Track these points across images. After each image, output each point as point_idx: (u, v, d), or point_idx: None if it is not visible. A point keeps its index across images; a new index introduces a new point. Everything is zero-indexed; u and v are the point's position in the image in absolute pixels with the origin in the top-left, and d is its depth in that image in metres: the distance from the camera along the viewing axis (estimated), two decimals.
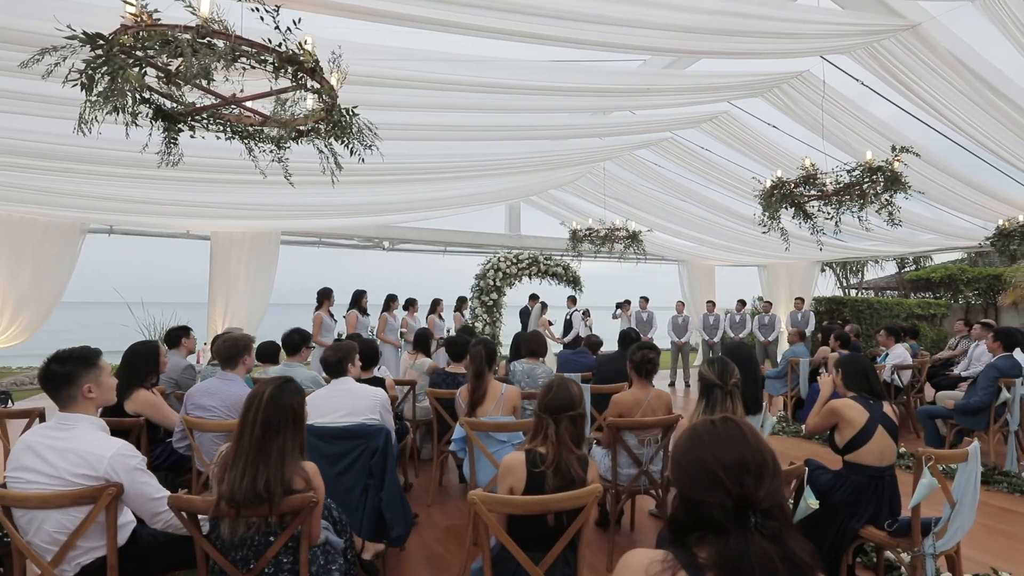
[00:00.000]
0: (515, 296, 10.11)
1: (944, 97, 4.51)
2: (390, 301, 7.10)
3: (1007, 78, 4.18)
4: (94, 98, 2.34)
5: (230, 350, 2.89)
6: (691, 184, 8.13)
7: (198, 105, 2.79)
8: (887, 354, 5.72)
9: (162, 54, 2.09)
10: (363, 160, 2.69)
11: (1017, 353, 4.48)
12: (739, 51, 4.58)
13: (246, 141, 3.06)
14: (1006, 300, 11.75)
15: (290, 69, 2.33)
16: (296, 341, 3.76)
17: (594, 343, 5.09)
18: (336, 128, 2.63)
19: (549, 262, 9.91)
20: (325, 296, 6.23)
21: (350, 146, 2.65)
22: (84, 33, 2.17)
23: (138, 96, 2.45)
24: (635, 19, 3.83)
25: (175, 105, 2.74)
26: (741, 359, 3.02)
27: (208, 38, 2.13)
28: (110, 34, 2.16)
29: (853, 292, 16.60)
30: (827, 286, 16.52)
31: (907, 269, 15.46)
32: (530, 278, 9.91)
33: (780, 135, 6.10)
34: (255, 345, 3.99)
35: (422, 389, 4.51)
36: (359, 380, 2.97)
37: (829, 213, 4.15)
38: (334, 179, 3.09)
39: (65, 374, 1.79)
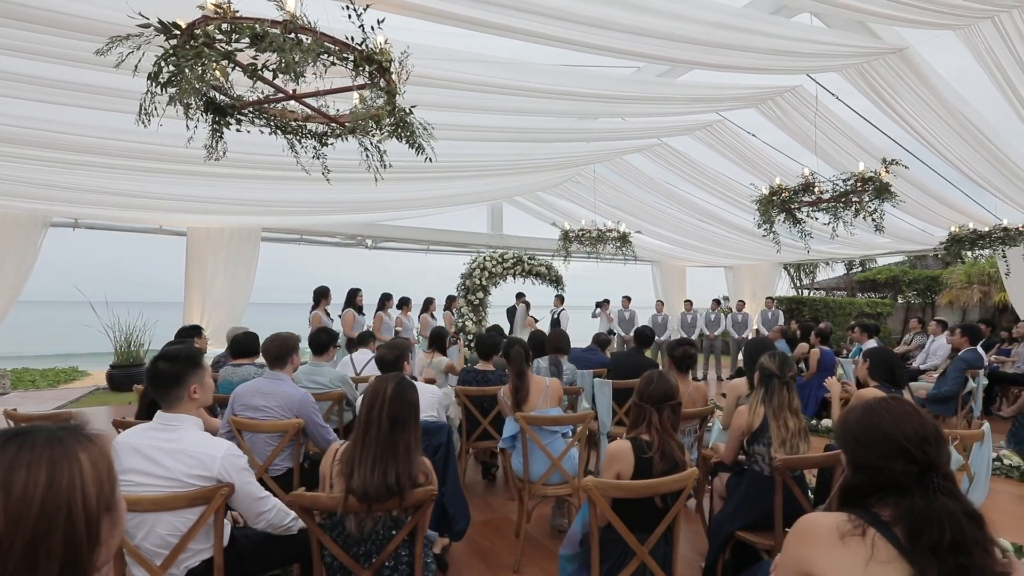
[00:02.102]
0: (498, 295, 10.19)
1: (920, 115, 4.98)
2: (385, 300, 7.03)
3: (982, 102, 4.67)
4: (155, 88, 2.28)
5: (280, 349, 2.84)
6: (673, 187, 8.49)
7: (245, 99, 2.74)
8: (860, 348, 6.22)
9: (251, 47, 2.06)
10: (431, 160, 2.72)
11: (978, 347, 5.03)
12: (733, 64, 4.82)
13: (288, 136, 3.03)
14: (943, 300, 12.98)
15: (368, 68, 2.34)
16: (324, 340, 3.71)
17: (603, 341, 5.26)
18: (400, 126, 2.64)
19: (533, 262, 10.06)
20: (322, 295, 6.10)
21: (416, 145, 2.67)
22: (160, 21, 2.10)
23: (201, 88, 2.38)
24: (635, 26, 3.87)
25: (224, 98, 2.68)
26: (762, 352, 3.26)
27: (295, 33, 2.11)
28: (188, 24, 2.10)
29: (805, 292, 17.75)
30: (782, 286, 17.57)
31: (855, 271, 16.74)
32: (514, 277, 10.03)
33: (771, 143, 6.49)
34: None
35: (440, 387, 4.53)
36: None
37: (826, 219, 4.49)
38: (377, 177, 3.10)
39: (175, 374, 1.74)
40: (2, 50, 3.36)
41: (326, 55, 2.20)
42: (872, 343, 6.11)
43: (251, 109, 2.78)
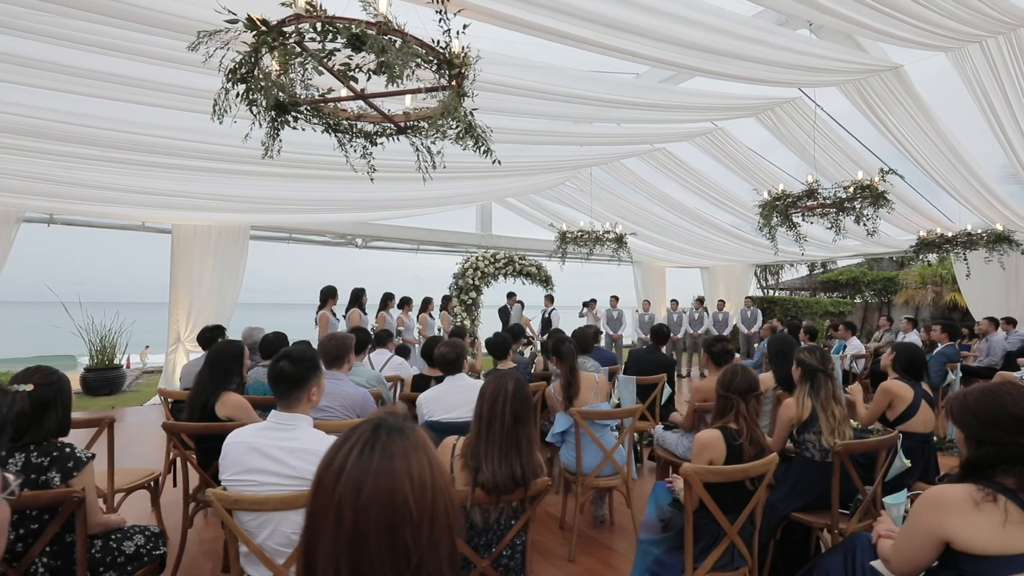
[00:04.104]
0: (487, 295, 10.26)
1: (905, 127, 5.38)
2: (387, 300, 6.98)
3: (956, 110, 5.10)
4: (229, 85, 2.26)
5: (338, 348, 2.84)
6: (666, 191, 8.77)
7: (303, 97, 2.73)
8: (843, 345, 6.65)
9: (347, 47, 2.07)
10: (498, 162, 2.78)
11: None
12: (733, 73, 5.02)
13: (339, 135, 3.03)
14: (899, 299, 13.95)
15: (450, 72, 2.38)
16: (362, 340, 3.69)
17: (593, 333, 5.37)
18: (467, 130, 2.68)
19: (524, 262, 10.19)
20: (329, 295, 6.01)
21: (485, 149, 2.72)
22: (248, 17, 2.08)
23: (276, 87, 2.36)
24: (636, 26, 3.88)
25: (284, 96, 2.66)
26: (787, 348, 3.49)
27: (388, 35, 2.13)
28: (278, 22, 2.09)
29: (770, 292, 18.64)
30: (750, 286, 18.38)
31: (817, 272, 17.73)
32: (505, 277, 10.13)
33: (757, 150, 6.83)
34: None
35: None
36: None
37: (826, 224, 4.80)
38: (426, 176, 3.14)
39: (299, 375, 1.74)
40: None
41: (415, 58, 2.23)
42: (856, 340, 6.55)
43: (306, 107, 2.77)
